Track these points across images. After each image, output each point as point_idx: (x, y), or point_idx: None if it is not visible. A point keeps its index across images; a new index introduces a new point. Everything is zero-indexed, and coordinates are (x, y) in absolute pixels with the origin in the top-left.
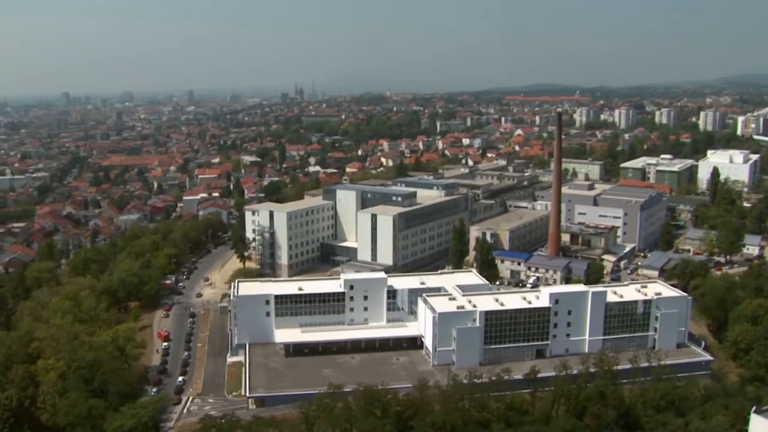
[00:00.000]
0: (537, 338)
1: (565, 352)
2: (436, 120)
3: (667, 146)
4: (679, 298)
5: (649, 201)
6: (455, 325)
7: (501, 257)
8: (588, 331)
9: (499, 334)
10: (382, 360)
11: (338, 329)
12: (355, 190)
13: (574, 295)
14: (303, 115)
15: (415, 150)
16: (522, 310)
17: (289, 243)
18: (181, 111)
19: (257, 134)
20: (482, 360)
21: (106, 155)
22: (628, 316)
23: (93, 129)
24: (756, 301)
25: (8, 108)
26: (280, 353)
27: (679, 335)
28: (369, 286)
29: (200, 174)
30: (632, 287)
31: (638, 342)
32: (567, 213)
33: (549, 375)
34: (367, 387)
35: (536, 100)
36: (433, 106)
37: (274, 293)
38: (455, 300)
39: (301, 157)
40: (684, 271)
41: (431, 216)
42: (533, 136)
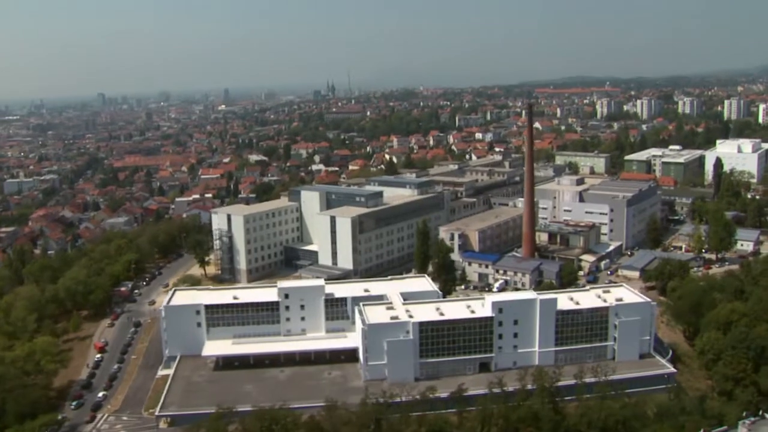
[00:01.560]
0: (480, 351)
1: (513, 365)
2: (456, 115)
3: (681, 136)
4: (641, 304)
5: (639, 196)
6: (386, 337)
7: (469, 259)
8: (537, 342)
9: (437, 347)
10: (313, 374)
11: (272, 341)
12: (319, 191)
13: (519, 304)
14: (325, 112)
15: (424, 146)
16: (461, 320)
17: (247, 247)
18: (212, 110)
19: (277, 132)
20: (418, 375)
21: (123, 156)
22: (584, 325)
23: (120, 130)
24: (730, 305)
25: (44, 110)
26: (209, 366)
27: (643, 345)
28: (305, 295)
29: (203, 174)
30: (593, 292)
31: (597, 353)
32: (552, 210)
33: (479, 392)
34: (262, 408)
35: (566, 93)
36: (459, 101)
37: (204, 303)
38: (393, 309)
39: (308, 155)
40: (662, 272)
41: (399, 217)
42: (548, 130)
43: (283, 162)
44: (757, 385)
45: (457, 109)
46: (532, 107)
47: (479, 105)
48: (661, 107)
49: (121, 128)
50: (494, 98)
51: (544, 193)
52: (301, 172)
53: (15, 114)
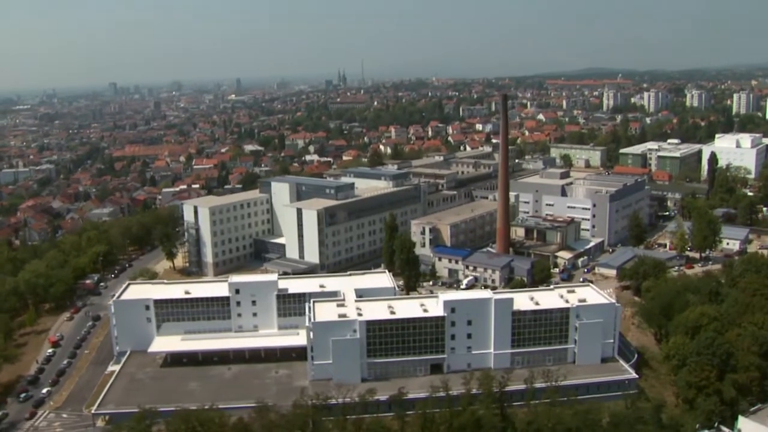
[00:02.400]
0: (432, 351)
1: (467, 367)
2: (460, 106)
3: (683, 130)
4: (605, 306)
5: (624, 190)
6: (332, 336)
7: (439, 254)
8: (493, 343)
9: (386, 347)
10: (260, 373)
11: (223, 337)
12: (289, 182)
13: (473, 303)
14: (329, 102)
15: (422, 137)
16: (411, 319)
17: (213, 239)
18: (222, 99)
19: (281, 122)
20: (366, 375)
21: (124, 146)
22: (542, 327)
23: (127, 119)
24: (699, 308)
25: (54, 99)
26: (157, 363)
27: (606, 348)
28: (257, 290)
29: (197, 164)
30: (556, 292)
31: (556, 356)
32: (534, 204)
33: (420, 396)
34: (187, 409)
35: (577, 84)
36: (468, 92)
37: (153, 298)
38: (343, 307)
39: (305, 145)
40: (636, 271)
41: (371, 209)
42: (551, 121)
43: (278, 152)
44: (720, 393)
45: (463, 100)
46: (507, 98)
47: (487, 96)
48: (669, 100)
49: (129, 117)
50: (504, 89)
51: (526, 187)
52: (295, 162)
53: (26, 103)
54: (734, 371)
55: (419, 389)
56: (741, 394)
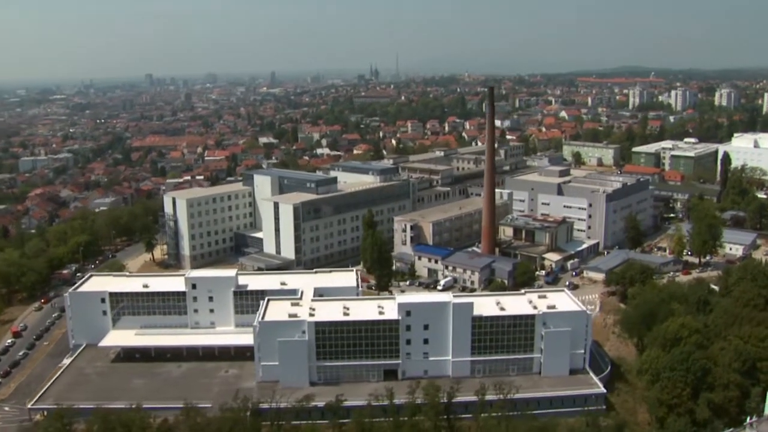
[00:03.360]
0: (385, 356)
1: (424, 374)
2: (483, 101)
3: (703, 129)
4: (574, 314)
5: (623, 190)
6: (278, 337)
7: (419, 253)
8: (451, 350)
9: (337, 350)
10: (209, 372)
11: (178, 333)
12: (271, 175)
13: (430, 307)
14: (355, 96)
15: (437, 132)
16: (364, 322)
17: (191, 232)
18: (254, 92)
19: (304, 115)
20: (315, 379)
21: (145, 136)
22: (506, 334)
23: (156, 110)
24: (680, 319)
25: (92, 90)
26: (109, 357)
27: (575, 359)
28: (214, 286)
29: (209, 156)
30: (527, 297)
31: (521, 366)
32: (530, 203)
33: (358, 404)
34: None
35: (608, 82)
36: (498, 88)
37: (109, 290)
38: (298, 306)
39: (321, 137)
40: (623, 276)
41: (354, 205)
42: (573, 118)
43: (291, 145)
44: (693, 414)
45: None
46: (494, 91)
47: (515, 92)
48: (697, 99)
49: (158, 108)
50: (534, 86)
51: (521, 184)
52: (306, 155)
53: (64, 93)
54: (711, 389)
55: (369, 396)
56: (716, 415)
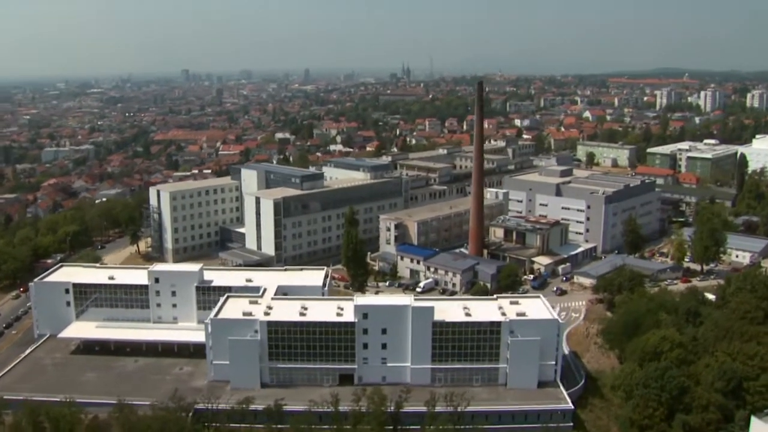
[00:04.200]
0: (341, 360)
1: (382, 380)
2: (508, 101)
3: (727, 131)
4: (545, 322)
5: (624, 192)
6: (229, 335)
7: (402, 253)
8: (410, 356)
9: (290, 352)
10: (164, 368)
11: (139, 327)
12: (257, 169)
13: (388, 310)
14: (380, 94)
15: (455, 130)
16: (318, 323)
17: (174, 225)
18: (285, 89)
19: (327, 111)
20: (267, 380)
21: (169, 130)
22: (469, 342)
23: (186, 104)
24: (661, 332)
25: (128, 84)
26: (69, 349)
27: (545, 371)
28: (177, 281)
29: (223, 150)
30: (498, 303)
31: (486, 376)
32: (528, 203)
33: (296, 410)
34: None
35: (640, 83)
36: (527, 87)
37: (73, 281)
38: (256, 304)
39: (337, 134)
40: (611, 283)
41: (341, 202)
42: (596, 118)
43: (305, 141)
44: None
45: (514, 96)
46: (482, 86)
47: (543, 92)
48: (728, 100)
49: (189, 103)
50: (564, 86)
51: (519, 184)
52: (319, 151)
53: (101, 87)
54: (688, 411)
55: (309, 402)
56: None
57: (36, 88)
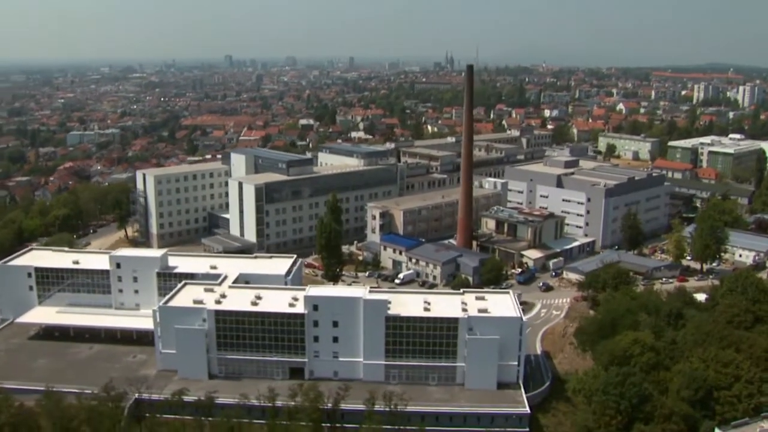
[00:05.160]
0: (291, 353)
1: (334, 375)
2: (543, 91)
3: (758, 126)
4: (506, 320)
5: (626, 185)
6: (177, 324)
7: (385, 243)
8: (362, 351)
9: (239, 342)
10: (117, 355)
11: (98, 313)
12: (246, 154)
13: (339, 302)
14: (416, 82)
15: (480, 119)
16: (268, 314)
17: (159, 210)
18: (327, 76)
19: (360, 99)
20: (216, 372)
21: (200, 115)
22: (425, 338)
23: (225, 90)
24: (632, 334)
25: (172, 69)
26: (28, 334)
27: (505, 371)
28: (139, 266)
29: (245, 135)
30: (461, 298)
31: (443, 374)
32: (528, 195)
33: (228, 402)
34: None
35: (684, 77)
36: (567, 79)
37: (35, 265)
38: (211, 292)
39: (361, 121)
40: (595, 280)
41: (330, 189)
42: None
43: (327, 127)
44: None
45: (549, 86)
46: (472, 69)
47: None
48: (765, 96)
49: (228, 88)
50: (606, 78)
51: (520, 174)
52: (340, 138)
53: (144, 72)
54: (648, 420)
55: (240, 396)
56: None
57: (79, 72)
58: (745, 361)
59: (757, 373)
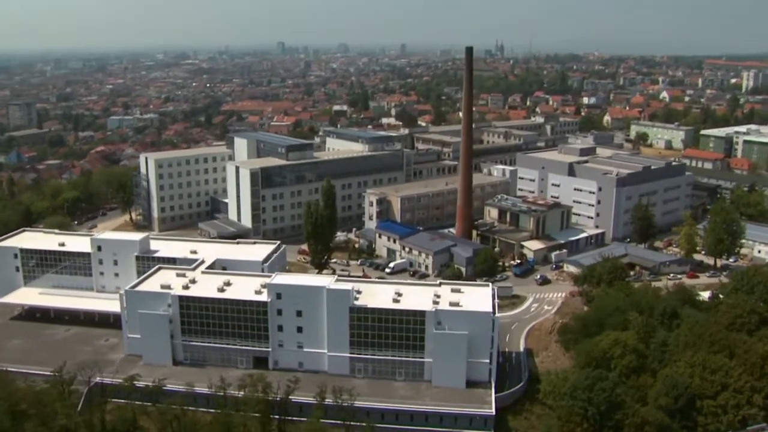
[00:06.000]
0: (255, 342)
1: (299, 366)
2: (586, 79)
3: None
4: (477, 315)
5: (641, 175)
6: (141, 308)
7: (380, 230)
8: (327, 343)
9: (204, 329)
10: (90, 338)
11: (78, 296)
12: (248, 138)
13: (302, 291)
14: (458, 70)
15: (515, 106)
16: (231, 301)
17: (160, 193)
18: (376, 62)
19: (402, 86)
20: (180, 358)
21: (242, 101)
22: (393, 332)
23: (273, 76)
24: (613, 334)
25: (224, 56)
26: (12, 314)
27: (476, 369)
28: (119, 249)
29: (277, 121)
30: (434, 289)
31: (411, 370)
32: (540, 183)
33: (177, 389)
34: None
35: (738, 65)
36: (616, 67)
37: (21, 246)
38: (182, 277)
39: (394, 107)
40: (591, 275)
41: (330, 175)
42: (673, 99)
43: (359, 113)
44: None
45: (593, 73)
46: (471, 51)
47: (631, 71)
48: None
49: (275, 75)
50: (655, 66)
51: (532, 162)
52: (371, 124)
53: (197, 59)
54: (619, 430)
55: (186, 384)
56: None
57: (134, 59)
58: (736, 367)
59: (749, 381)
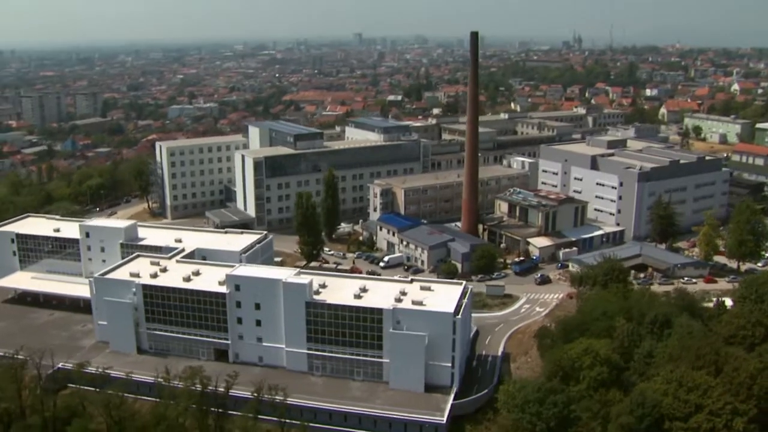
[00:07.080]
0: (215, 334)
1: (259, 360)
2: (656, 71)
3: None
4: (435, 315)
5: (667, 169)
6: (107, 295)
7: (381, 223)
8: (285, 338)
9: (167, 319)
10: (69, 324)
11: (67, 281)
12: (261, 127)
13: (259, 283)
14: (526, 61)
15: (571, 98)
16: (191, 291)
17: (172, 181)
18: (450, 54)
19: (465, 76)
20: (145, 346)
21: (305, 91)
22: (351, 329)
23: (344, 66)
24: (586, 342)
25: (301, 47)
26: (5, 298)
27: (436, 373)
28: (105, 236)
29: (330, 110)
30: (401, 286)
31: (369, 370)
32: (563, 177)
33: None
34: None
35: None
36: (693, 58)
37: (17, 231)
38: (155, 266)
39: (449, 97)
40: (588, 276)
41: (341, 165)
42: (744, 91)
43: (412, 103)
44: None
45: (665, 65)
46: (476, 37)
47: (709, 63)
48: None
49: (347, 65)
50: (737, 58)
51: (555, 154)
52: (421, 114)
53: (274, 50)
54: None
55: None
56: None
57: (213, 50)
58: (718, 386)
59: (731, 402)
